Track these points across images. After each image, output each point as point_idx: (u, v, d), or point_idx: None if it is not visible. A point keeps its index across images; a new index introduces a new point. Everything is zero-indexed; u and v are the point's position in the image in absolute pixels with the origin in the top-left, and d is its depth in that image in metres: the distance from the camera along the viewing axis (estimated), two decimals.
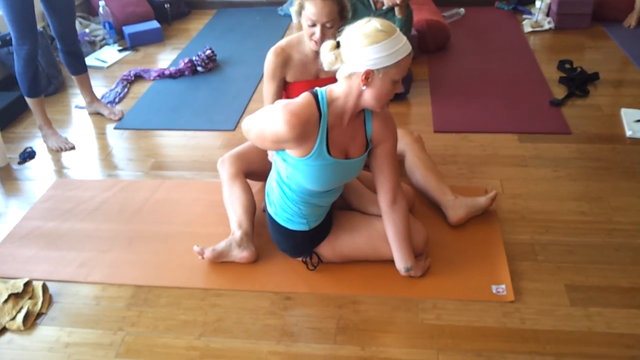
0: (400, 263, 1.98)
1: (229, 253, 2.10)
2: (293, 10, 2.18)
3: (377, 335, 1.83)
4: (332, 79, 2.20)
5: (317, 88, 1.78)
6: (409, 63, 1.68)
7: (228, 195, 2.22)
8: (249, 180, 2.30)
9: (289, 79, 2.27)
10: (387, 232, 1.96)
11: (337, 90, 1.75)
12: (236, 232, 2.12)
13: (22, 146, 3.03)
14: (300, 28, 2.22)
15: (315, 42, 2.12)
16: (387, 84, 1.66)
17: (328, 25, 2.08)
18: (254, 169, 2.29)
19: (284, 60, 2.24)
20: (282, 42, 2.26)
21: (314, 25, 2.09)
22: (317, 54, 2.22)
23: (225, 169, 2.27)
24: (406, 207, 1.95)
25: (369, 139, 1.85)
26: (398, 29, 1.66)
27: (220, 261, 2.13)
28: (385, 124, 1.85)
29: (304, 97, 1.75)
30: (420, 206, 2.34)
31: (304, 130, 1.70)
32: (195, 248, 2.10)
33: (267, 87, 2.28)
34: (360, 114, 1.83)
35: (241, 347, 1.82)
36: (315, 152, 1.76)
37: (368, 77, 1.65)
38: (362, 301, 1.95)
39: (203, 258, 2.11)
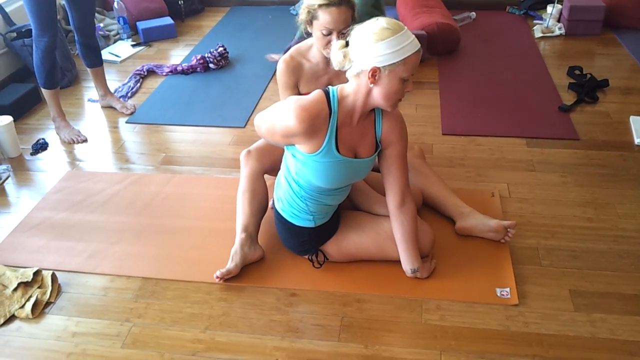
0: (407, 264, 2.00)
1: (246, 258, 2.08)
2: (301, 18, 2.11)
3: (381, 334, 1.85)
4: None
5: (329, 86, 1.80)
6: (417, 61, 1.67)
7: (244, 192, 2.18)
8: (266, 176, 2.27)
9: (301, 89, 2.26)
10: (394, 233, 1.98)
11: (347, 88, 1.77)
12: (241, 235, 2.11)
13: (35, 137, 3.07)
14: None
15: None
16: (394, 81, 1.67)
17: (343, 31, 2.07)
18: (277, 167, 2.21)
19: (295, 68, 2.20)
20: (291, 51, 2.21)
21: (329, 33, 2.06)
22: (327, 62, 2.21)
23: (249, 164, 2.21)
24: (414, 208, 1.97)
25: (379, 140, 1.87)
26: (406, 27, 1.67)
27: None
28: (395, 125, 1.86)
29: (316, 93, 1.77)
30: (427, 208, 2.34)
31: (313, 125, 1.72)
32: (217, 274, 2.04)
33: (283, 96, 2.24)
34: (371, 114, 1.85)
35: (246, 342, 1.84)
36: (324, 148, 1.78)
37: (375, 74, 1.66)
38: (367, 300, 1.97)
39: (225, 280, 2.05)
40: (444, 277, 2.04)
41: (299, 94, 2.25)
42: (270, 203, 2.33)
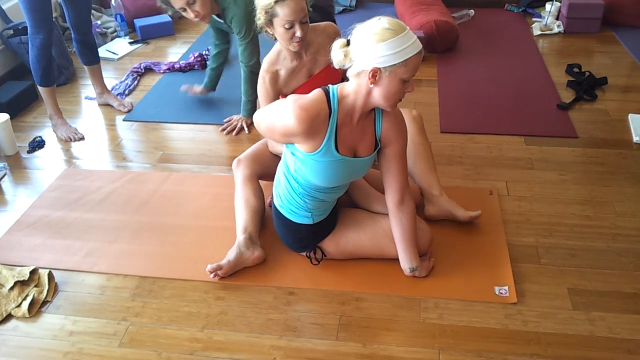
0: (406, 263, 1.99)
1: (241, 258, 2.06)
2: (259, 23, 2.14)
3: (379, 332, 1.84)
4: (326, 69, 2.21)
5: (329, 85, 1.79)
6: (419, 62, 1.67)
7: (239, 198, 2.19)
8: (261, 182, 2.28)
9: (285, 91, 2.27)
10: (393, 232, 1.97)
11: (347, 88, 1.76)
12: (240, 236, 2.10)
13: (31, 135, 3.06)
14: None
15: (298, 42, 2.12)
16: (395, 82, 1.67)
17: (303, 20, 2.10)
18: (268, 171, 2.26)
19: (273, 79, 2.23)
20: (264, 65, 2.24)
21: (292, 26, 2.08)
22: (300, 55, 2.22)
23: (240, 171, 2.24)
24: (414, 207, 1.96)
25: (378, 138, 1.86)
26: (408, 28, 1.66)
27: (235, 271, 2.07)
28: (395, 124, 1.85)
29: (316, 93, 1.76)
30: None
31: (313, 125, 1.71)
32: (208, 267, 2.03)
33: (264, 105, 2.26)
34: (371, 113, 1.84)
35: (243, 341, 1.84)
36: (323, 148, 1.77)
37: (375, 75, 1.65)
38: (365, 298, 1.97)
39: (219, 275, 2.04)
40: (442, 276, 2.03)
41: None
42: (267, 200, 2.32)
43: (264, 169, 2.26)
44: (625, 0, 4.06)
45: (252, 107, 3.01)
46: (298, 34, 2.10)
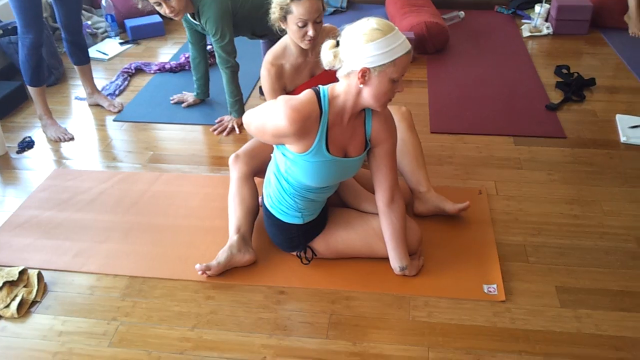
0: (396, 262, 2.00)
1: (232, 260, 2.06)
2: (274, 17, 2.15)
3: (369, 331, 1.85)
4: (326, 72, 2.22)
5: (320, 86, 1.79)
6: (408, 62, 1.68)
7: (234, 195, 2.17)
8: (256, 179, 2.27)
9: (288, 88, 2.28)
10: (383, 231, 1.98)
11: (338, 88, 1.77)
12: (233, 237, 2.10)
13: (21, 135, 3.05)
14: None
15: (309, 40, 2.14)
16: (384, 82, 1.68)
17: (318, 20, 2.12)
18: (266, 167, 2.20)
19: (278, 72, 2.23)
20: (268, 58, 2.24)
21: (305, 25, 2.10)
22: (305, 53, 2.24)
23: (237, 167, 2.21)
24: (403, 206, 1.97)
25: (368, 138, 1.87)
26: (396, 28, 1.67)
27: (224, 271, 2.07)
28: (384, 124, 1.86)
29: (306, 93, 1.77)
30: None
31: (304, 126, 1.72)
32: (197, 266, 2.04)
33: (270, 99, 2.25)
34: (361, 113, 1.85)
35: (234, 340, 1.84)
36: (314, 148, 1.77)
37: (364, 75, 1.66)
38: (355, 297, 1.97)
39: (209, 275, 2.05)
40: (431, 274, 2.04)
41: (287, 94, 2.26)
42: (259, 200, 2.32)
43: (262, 165, 2.22)
44: (613, 3, 4.10)
45: (240, 106, 3.01)
46: (310, 33, 2.11)
